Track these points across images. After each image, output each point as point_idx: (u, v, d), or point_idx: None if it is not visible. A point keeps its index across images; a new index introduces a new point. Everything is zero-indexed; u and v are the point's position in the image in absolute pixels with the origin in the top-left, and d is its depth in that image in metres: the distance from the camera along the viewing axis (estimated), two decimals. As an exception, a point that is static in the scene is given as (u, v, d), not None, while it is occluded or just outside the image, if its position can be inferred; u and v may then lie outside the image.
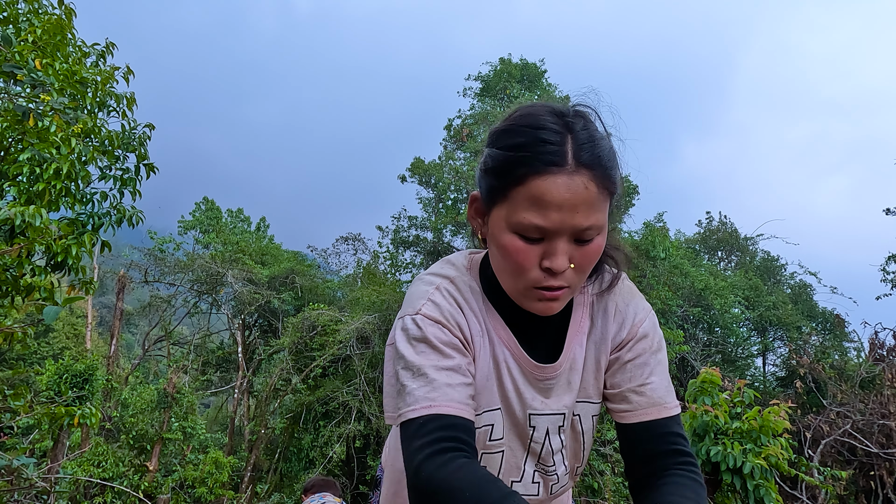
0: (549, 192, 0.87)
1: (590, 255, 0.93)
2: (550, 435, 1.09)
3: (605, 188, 0.90)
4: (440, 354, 0.96)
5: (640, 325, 1.09)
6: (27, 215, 3.59)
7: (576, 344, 1.08)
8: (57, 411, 4.04)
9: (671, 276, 13.29)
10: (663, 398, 1.05)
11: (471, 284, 1.06)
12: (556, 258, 0.90)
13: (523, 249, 0.92)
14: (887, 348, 10.18)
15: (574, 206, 0.87)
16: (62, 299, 3.40)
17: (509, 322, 1.06)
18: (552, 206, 0.87)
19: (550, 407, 1.08)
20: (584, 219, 0.89)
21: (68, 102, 4.26)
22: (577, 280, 0.95)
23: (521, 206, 0.89)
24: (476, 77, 19.02)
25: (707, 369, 5.29)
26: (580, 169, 0.88)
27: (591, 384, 1.10)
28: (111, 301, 21.41)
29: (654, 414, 1.03)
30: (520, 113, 0.95)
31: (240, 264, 16.59)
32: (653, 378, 1.06)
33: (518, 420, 1.07)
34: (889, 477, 8.12)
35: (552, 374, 1.06)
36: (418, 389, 0.93)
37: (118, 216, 5.19)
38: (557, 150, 0.88)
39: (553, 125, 0.90)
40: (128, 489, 9.12)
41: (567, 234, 0.90)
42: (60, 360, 11.89)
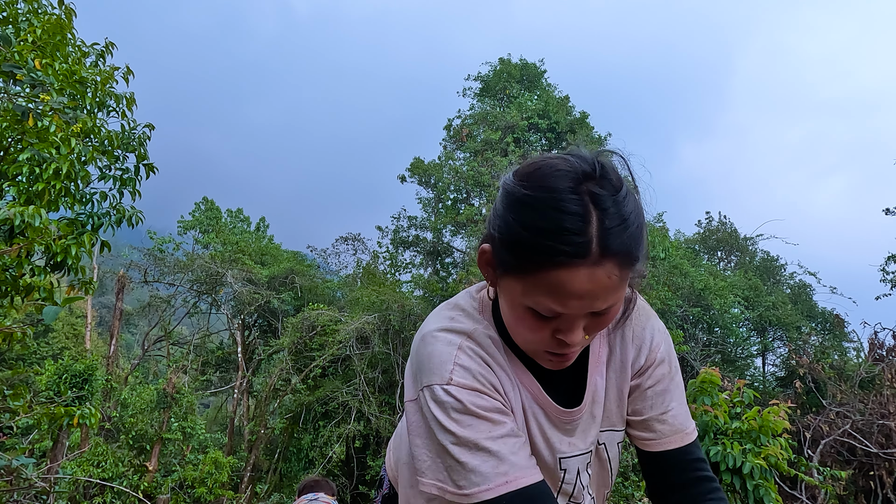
0: (569, 284, 0.81)
1: (605, 323, 0.90)
2: (581, 474, 1.08)
3: (629, 268, 0.84)
4: (490, 423, 0.92)
5: (657, 350, 1.08)
6: (27, 215, 3.59)
7: (596, 375, 1.06)
8: (56, 411, 4.04)
9: (671, 276, 13.30)
10: (684, 424, 1.06)
11: (490, 335, 1.00)
12: (572, 334, 0.88)
13: (537, 326, 0.88)
14: (887, 348, 10.18)
15: (595, 294, 0.83)
16: (62, 299, 3.40)
17: (528, 365, 1.02)
18: (572, 296, 0.82)
19: (578, 447, 1.06)
20: (603, 303, 0.85)
21: (68, 102, 4.26)
22: (588, 342, 0.93)
23: (538, 290, 0.84)
24: (476, 77, 19.02)
25: (707, 369, 5.29)
26: (604, 259, 0.80)
27: (614, 412, 1.08)
28: (111, 301, 21.41)
29: (678, 441, 1.05)
30: (537, 181, 0.84)
31: (239, 264, 16.58)
32: (673, 404, 1.07)
33: (547, 465, 1.04)
34: (888, 477, 8.12)
35: (577, 416, 1.05)
36: (483, 465, 0.89)
37: (118, 216, 5.19)
38: (580, 241, 0.79)
39: (575, 206, 0.80)
40: (127, 489, 9.12)
41: (585, 314, 0.87)
42: (60, 360, 11.89)
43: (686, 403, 1.10)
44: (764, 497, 4.70)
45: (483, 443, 0.90)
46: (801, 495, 7.04)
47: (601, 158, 0.87)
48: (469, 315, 1.02)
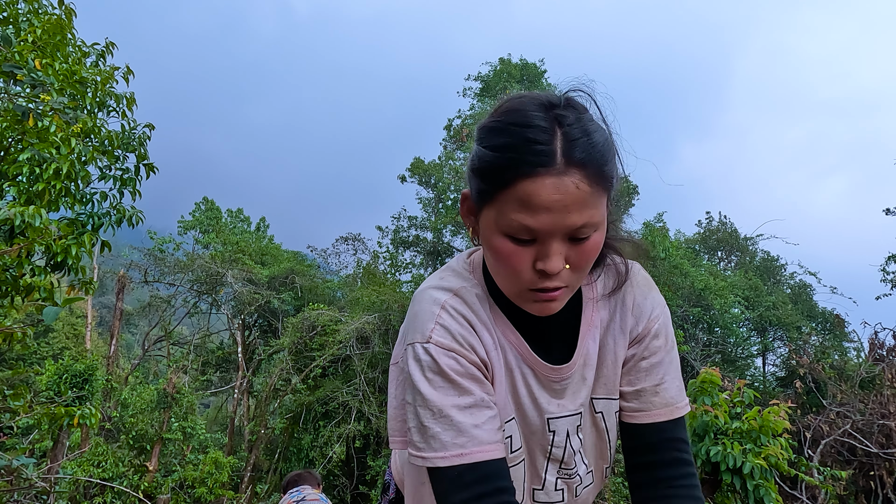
0: (537, 195, 0.82)
1: (587, 253, 0.89)
2: (570, 437, 1.06)
3: (598, 184, 0.85)
4: (460, 390, 0.92)
5: (656, 321, 1.06)
6: (27, 215, 3.59)
7: (589, 339, 1.05)
8: (57, 411, 4.04)
9: (671, 276, 13.30)
10: (675, 398, 1.04)
11: (476, 292, 1.01)
12: (550, 260, 0.87)
13: (515, 252, 0.88)
14: (887, 348, 10.17)
15: (565, 206, 0.83)
16: (62, 300, 3.40)
17: (517, 324, 1.01)
18: (541, 207, 0.83)
19: (567, 408, 1.04)
20: (577, 218, 0.84)
21: (68, 102, 4.26)
22: (574, 279, 0.91)
23: (509, 208, 0.85)
24: (476, 77, 19.02)
25: (707, 369, 5.29)
26: (570, 168, 0.82)
27: (611, 378, 1.06)
28: (111, 301, 21.41)
29: (665, 415, 1.03)
30: (506, 108, 0.89)
31: (239, 264, 16.58)
32: (667, 378, 1.05)
33: (535, 427, 1.04)
34: (889, 477, 8.12)
35: (567, 374, 1.03)
36: (443, 433, 0.90)
37: (118, 216, 5.19)
38: (545, 149, 0.82)
39: (540, 121, 0.84)
40: (127, 489, 9.12)
41: (560, 234, 0.86)
42: (60, 360, 11.89)
43: (681, 379, 1.08)
44: (764, 497, 4.70)
45: (447, 410, 0.91)
46: (802, 495, 7.03)
47: (569, 93, 0.91)
48: (458, 274, 1.04)
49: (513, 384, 1.01)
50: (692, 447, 5.12)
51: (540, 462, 1.06)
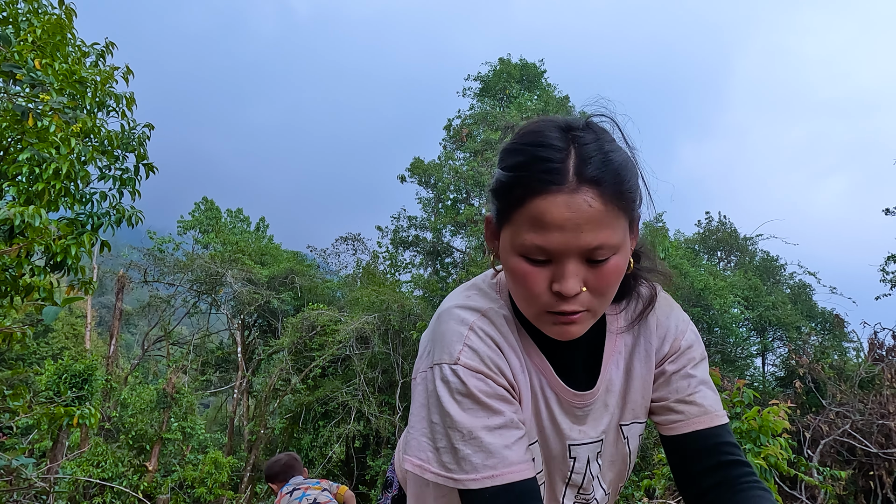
0: (548, 213, 0.82)
1: (606, 276, 0.87)
2: (591, 463, 1.05)
3: (615, 204, 0.83)
4: (489, 412, 0.91)
5: (682, 338, 1.06)
6: (26, 215, 3.59)
7: (612, 366, 1.04)
8: (56, 411, 4.04)
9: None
10: (713, 407, 1.02)
11: (504, 313, 0.99)
12: (566, 281, 0.85)
13: (530, 272, 0.86)
14: (886, 348, 10.17)
15: (577, 225, 0.81)
16: (61, 299, 3.40)
17: (542, 347, 1.00)
18: (553, 226, 0.82)
19: (588, 435, 1.04)
20: (591, 238, 0.82)
21: (67, 102, 4.26)
22: (596, 303, 0.89)
23: (523, 228, 0.84)
24: (476, 77, 19.02)
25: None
26: (583, 185, 0.81)
27: (639, 404, 1.06)
28: (110, 301, 21.41)
29: (707, 423, 1.00)
30: (525, 129, 0.90)
31: (239, 264, 16.58)
32: (701, 387, 1.03)
33: (554, 452, 1.03)
34: (888, 477, 8.12)
35: (589, 400, 1.02)
36: (474, 455, 0.89)
37: (117, 216, 5.19)
38: (557, 167, 0.82)
39: (556, 141, 0.84)
40: (127, 489, 9.11)
41: (575, 255, 0.84)
42: (60, 360, 11.89)
43: (717, 392, 1.06)
44: (764, 497, 4.70)
45: (478, 432, 0.90)
46: (801, 495, 7.04)
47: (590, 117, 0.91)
48: (485, 294, 1.02)
49: (536, 408, 1.00)
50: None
51: (559, 487, 1.06)
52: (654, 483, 5.63)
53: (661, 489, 5.48)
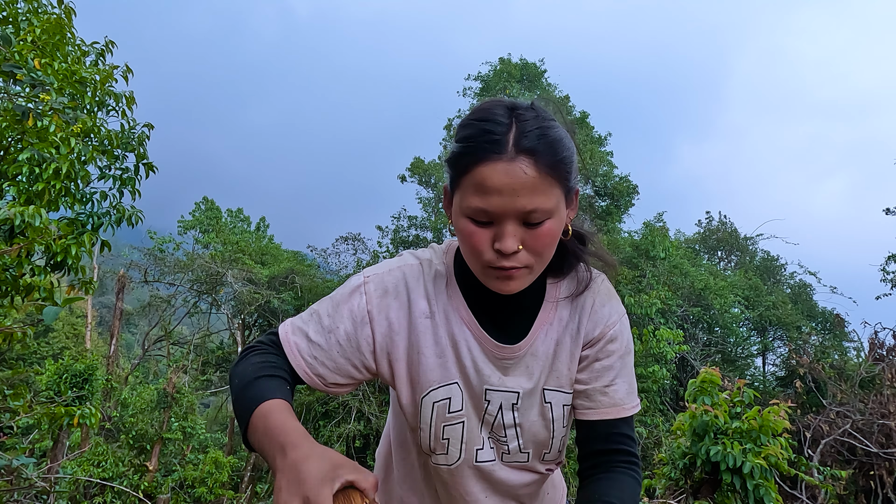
0: (489, 178, 0.94)
1: (541, 237, 0.98)
2: (504, 410, 1.15)
3: (549, 173, 0.95)
4: (335, 311, 1.10)
5: (612, 328, 1.15)
6: (27, 215, 3.58)
7: (540, 333, 1.14)
8: (56, 411, 4.04)
9: (671, 276, 13.29)
10: (623, 400, 1.14)
11: (438, 269, 1.15)
12: (505, 240, 0.97)
13: (476, 232, 0.99)
14: (887, 348, 10.16)
15: (514, 190, 0.93)
16: (62, 300, 3.40)
17: (475, 304, 1.13)
18: (493, 190, 0.94)
19: (506, 384, 1.14)
20: (526, 202, 0.94)
21: (68, 102, 4.26)
22: (533, 261, 1.01)
23: (468, 192, 0.97)
24: (476, 77, 19.01)
25: (707, 369, 5.29)
26: (520, 155, 0.93)
27: (564, 374, 1.16)
28: (111, 301, 21.41)
29: (613, 414, 1.13)
30: (477, 108, 1.02)
31: (239, 264, 16.59)
32: (618, 381, 1.14)
33: (475, 393, 1.14)
34: (889, 477, 8.12)
35: (511, 354, 1.13)
36: (298, 319, 1.11)
37: (118, 216, 5.19)
38: (499, 138, 0.94)
39: (500, 117, 0.96)
40: (127, 489, 9.11)
41: (513, 217, 0.96)
42: (60, 359, 11.89)
43: (634, 383, 1.17)
44: (764, 497, 4.69)
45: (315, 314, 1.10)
46: (802, 495, 7.03)
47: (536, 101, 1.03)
48: (435, 252, 1.19)
49: (458, 354, 1.13)
50: (693, 447, 5.12)
51: (476, 424, 1.17)
52: (654, 483, 5.62)
53: (661, 489, 5.48)
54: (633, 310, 11.60)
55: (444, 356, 1.12)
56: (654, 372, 10.39)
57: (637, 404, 1.17)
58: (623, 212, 16.18)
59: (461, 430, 1.15)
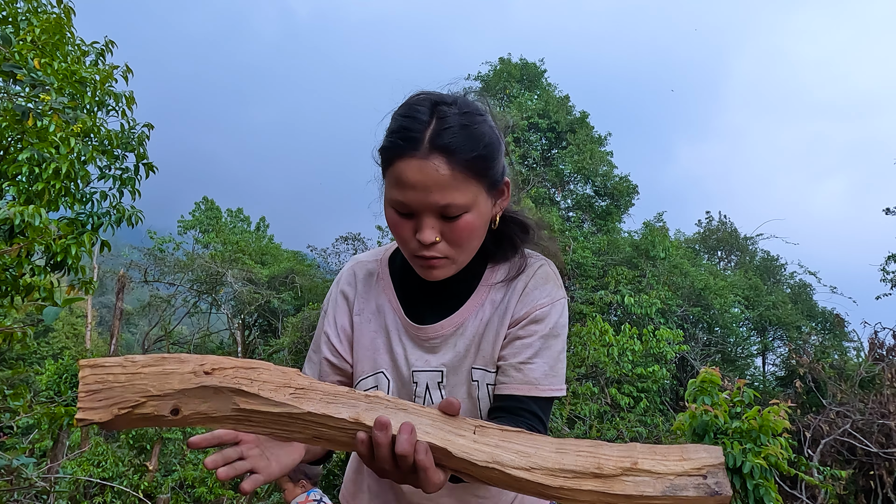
0: (404, 174, 0.98)
1: (459, 230, 1.02)
2: (431, 390, 1.18)
3: (463, 170, 0.98)
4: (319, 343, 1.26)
5: (539, 308, 1.15)
6: (26, 215, 3.58)
7: (471, 315, 1.17)
8: (57, 411, 4.03)
9: (671, 276, 13.29)
10: (538, 380, 1.13)
11: (369, 267, 1.25)
12: (423, 232, 1.01)
13: (399, 222, 1.04)
14: (887, 348, 10.16)
15: (426, 186, 0.97)
16: (62, 300, 3.39)
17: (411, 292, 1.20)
18: (408, 185, 0.98)
19: (431, 364, 1.17)
20: (438, 197, 0.98)
21: (67, 102, 4.26)
22: (453, 252, 1.05)
23: (390, 184, 1.02)
24: (476, 77, 18.99)
25: (707, 369, 5.29)
26: (433, 153, 0.96)
27: (488, 353, 1.17)
28: (111, 301, 21.41)
29: (524, 391, 1.12)
30: (405, 101, 1.06)
31: (239, 264, 16.59)
32: (536, 360, 1.13)
33: (404, 378, 1.19)
34: (888, 476, 8.12)
35: (435, 334, 1.17)
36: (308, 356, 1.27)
37: (118, 216, 5.19)
38: (415, 136, 0.97)
39: (421, 114, 1.00)
40: (127, 489, 9.12)
41: (429, 210, 1.00)
42: (60, 359, 11.90)
43: (558, 369, 1.15)
44: (764, 496, 4.69)
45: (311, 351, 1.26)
46: (802, 495, 7.03)
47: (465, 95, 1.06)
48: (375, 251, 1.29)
49: (389, 342, 1.19)
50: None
51: None
52: (654, 483, 5.61)
53: (661, 489, 5.47)
54: (633, 310, 11.59)
55: (375, 347, 1.20)
56: (653, 372, 10.38)
57: (559, 389, 1.14)
58: (623, 212, 16.17)
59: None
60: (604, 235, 14.42)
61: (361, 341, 1.21)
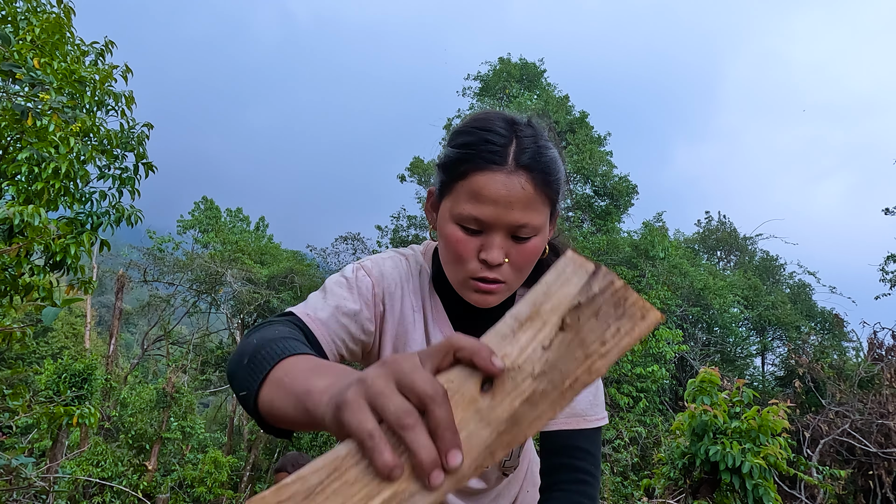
0: (486, 187, 0.94)
1: (526, 253, 0.99)
2: None
3: (542, 192, 0.96)
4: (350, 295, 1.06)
5: None
6: (26, 215, 3.58)
7: None
8: (56, 411, 4.04)
9: (670, 276, 13.30)
10: (585, 411, 1.10)
11: (422, 266, 1.16)
12: (492, 251, 0.97)
13: (463, 240, 0.98)
14: (886, 348, 10.17)
15: (509, 202, 0.94)
16: (61, 299, 3.39)
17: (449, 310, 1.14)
18: (489, 200, 0.94)
19: None
20: (519, 216, 0.95)
21: (67, 101, 4.25)
22: (513, 277, 1.01)
23: (462, 198, 0.96)
24: (476, 77, 19.00)
25: (706, 369, 5.30)
26: (519, 169, 0.94)
27: None
28: (110, 300, 21.40)
29: (573, 425, 1.09)
30: (475, 116, 1.03)
31: (239, 264, 16.58)
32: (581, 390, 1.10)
33: None
34: (887, 476, 8.13)
35: None
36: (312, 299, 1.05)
37: (117, 215, 5.19)
38: (500, 150, 0.95)
39: (501, 129, 0.97)
40: (127, 489, 9.11)
41: (503, 229, 0.96)
42: (59, 359, 11.88)
43: (599, 396, 1.13)
44: (763, 496, 4.70)
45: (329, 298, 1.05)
46: (801, 494, 7.04)
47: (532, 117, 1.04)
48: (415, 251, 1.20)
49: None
50: (692, 447, 5.13)
51: None
52: (653, 482, 5.63)
53: (660, 489, 5.48)
54: (633, 309, 11.58)
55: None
56: (653, 372, 10.39)
57: (603, 418, 1.12)
58: (622, 211, 16.18)
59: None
60: (603, 235, 14.43)
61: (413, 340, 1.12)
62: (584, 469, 1.07)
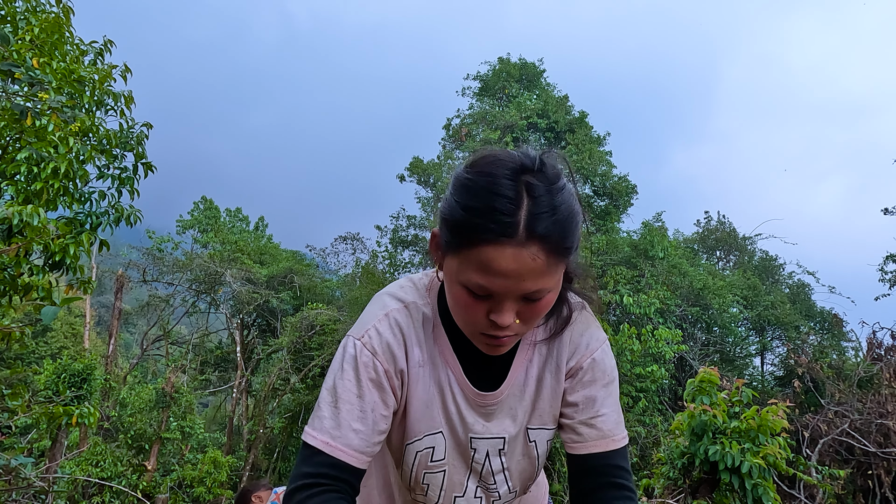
0: (496, 261, 0.87)
1: (538, 310, 0.95)
2: (491, 457, 1.14)
3: (556, 256, 0.90)
4: (360, 392, 1.02)
5: (591, 355, 1.12)
6: (25, 214, 3.58)
7: (519, 374, 1.12)
8: (55, 411, 4.03)
9: (670, 276, 13.30)
10: (612, 431, 1.10)
11: (424, 311, 1.10)
12: (502, 315, 0.93)
13: (471, 304, 0.94)
14: (885, 348, 10.17)
15: (520, 275, 0.88)
16: (60, 299, 3.39)
17: (458, 348, 1.10)
18: (497, 273, 0.88)
19: (491, 431, 1.12)
20: (531, 285, 0.90)
21: (66, 101, 4.25)
22: (524, 329, 0.98)
23: (470, 267, 0.90)
24: (475, 76, 18.99)
25: (705, 369, 5.30)
26: (531, 240, 0.87)
27: (546, 411, 1.13)
28: (109, 300, 21.38)
29: (603, 447, 1.09)
30: (480, 165, 0.93)
31: (238, 264, 16.57)
32: (604, 410, 1.11)
33: (460, 441, 1.12)
34: (887, 476, 8.13)
35: (493, 401, 1.11)
36: (327, 420, 1.01)
37: (116, 215, 5.18)
38: (509, 221, 0.86)
39: (509, 191, 0.87)
40: (126, 489, 9.10)
41: (514, 296, 0.92)
42: (59, 359, 11.88)
43: (620, 413, 1.13)
44: (762, 496, 4.70)
45: (341, 403, 1.02)
46: (800, 494, 7.04)
47: (544, 155, 0.94)
48: (417, 289, 1.12)
49: (443, 401, 1.10)
50: (691, 446, 5.13)
51: (462, 472, 1.15)
52: (653, 483, 5.63)
53: (659, 489, 5.48)
54: (632, 309, 11.60)
55: (431, 405, 1.10)
56: (652, 372, 10.39)
57: (626, 436, 1.12)
58: (622, 211, 16.18)
59: (441, 478, 1.14)
60: (602, 235, 14.43)
61: (416, 396, 1.09)
62: (625, 486, 1.07)
